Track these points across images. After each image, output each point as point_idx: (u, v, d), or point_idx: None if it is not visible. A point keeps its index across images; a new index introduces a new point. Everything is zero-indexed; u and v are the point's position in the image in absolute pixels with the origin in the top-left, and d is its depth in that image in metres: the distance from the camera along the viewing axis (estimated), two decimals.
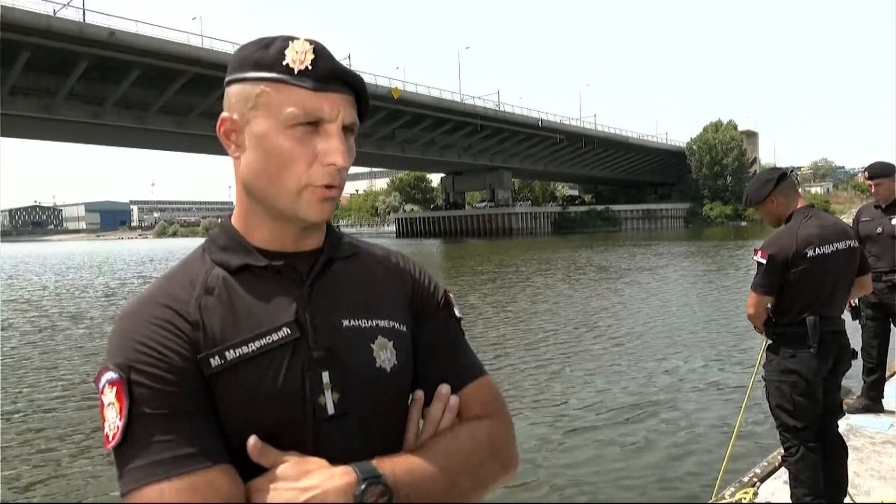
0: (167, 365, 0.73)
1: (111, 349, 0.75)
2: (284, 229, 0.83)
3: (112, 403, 0.71)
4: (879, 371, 4.51)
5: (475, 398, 0.87)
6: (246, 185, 0.82)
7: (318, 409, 0.77)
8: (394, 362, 0.83)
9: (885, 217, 4.37)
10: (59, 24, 32.26)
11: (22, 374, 8.63)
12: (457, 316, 0.95)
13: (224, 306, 0.78)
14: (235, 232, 0.84)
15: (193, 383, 0.73)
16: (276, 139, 0.78)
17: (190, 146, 52.98)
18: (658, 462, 4.86)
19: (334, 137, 0.79)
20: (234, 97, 0.81)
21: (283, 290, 0.81)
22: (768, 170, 3.04)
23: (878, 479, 3.45)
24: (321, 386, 0.77)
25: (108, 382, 0.72)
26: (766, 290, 2.81)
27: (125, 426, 0.70)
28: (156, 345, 0.73)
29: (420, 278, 0.93)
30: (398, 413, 0.85)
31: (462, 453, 0.81)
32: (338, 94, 0.80)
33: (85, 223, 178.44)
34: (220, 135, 0.82)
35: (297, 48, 0.78)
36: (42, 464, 5.27)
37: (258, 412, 0.74)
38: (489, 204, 71.16)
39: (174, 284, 0.80)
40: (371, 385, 0.81)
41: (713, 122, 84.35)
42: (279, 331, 0.77)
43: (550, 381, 7.37)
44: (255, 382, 0.75)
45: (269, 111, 0.78)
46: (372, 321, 0.84)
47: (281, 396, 0.75)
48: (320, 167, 0.78)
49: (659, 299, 13.95)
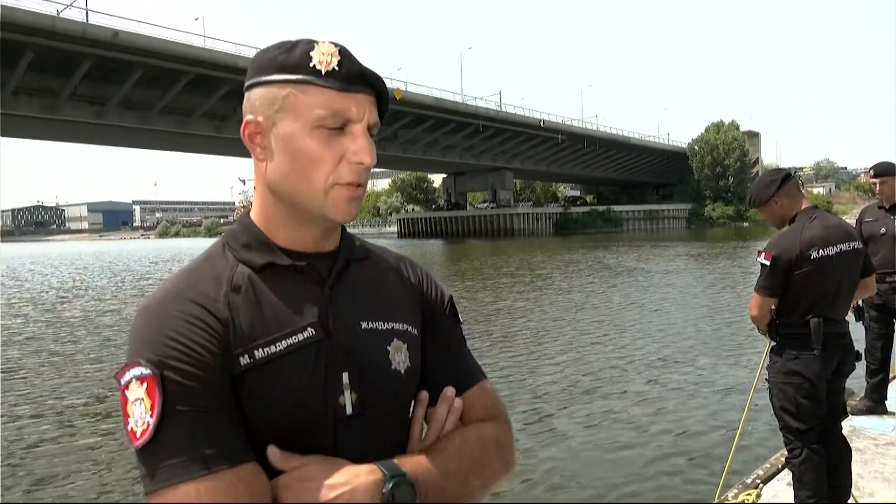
0: (199, 362, 0.72)
1: (138, 343, 0.74)
2: (307, 231, 0.83)
3: (140, 399, 0.70)
4: (883, 373, 4.50)
5: (478, 401, 0.90)
6: (272, 186, 0.82)
7: (338, 410, 0.78)
8: (407, 364, 0.85)
9: (888, 217, 4.36)
10: (63, 25, 32.26)
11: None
12: (459, 320, 0.97)
13: (251, 305, 0.78)
14: (258, 230, 0.84)
15: (223, 381, 0.73)
16: (304, 140, 0.79)
17: (192, 146, 52.99)
18: (661, 463, 4.86)
19: (361, 137, 0.80)
20: (258, 100, 0.81)
21: (305, 290, 0.82)
22: (772, 171, 3.03)
23: (881, 480, 3.44)
24: (341, 386, 0.78)
25: (137, 378, 0.71)
26: (769, 291, 2.81)
27: (157, 423, 0.69)
28: (188, 341, 0.73)
29: (428, 284, 0.95)
30: (408, 414, 0.87)
31: (473, 454, 0.84)
32: (363, 95, 0.81)
33: (87, 223, 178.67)
34: (244, 138, 0.82)
35: (322, 50, 0.79)
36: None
37: (282, 411, 0.75)
38: (491, 204, 71.09)
39: (199, 280, 0.79)
40: (387, 386, 0.83)
41: (715, 123, 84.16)
42: (305, 331, 0.78)
43: (551, 381, 7.37)
44: (281, 382, 0.76)
45: (297, 113, 0.79)
46: (388, 323, 0.85)
47: (305, 396, 0.76)
48: (347, 166, 0.79)
49: (662, 299, 13.94)
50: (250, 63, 0.84)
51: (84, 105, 37.30)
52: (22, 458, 5.42)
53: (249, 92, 0.82)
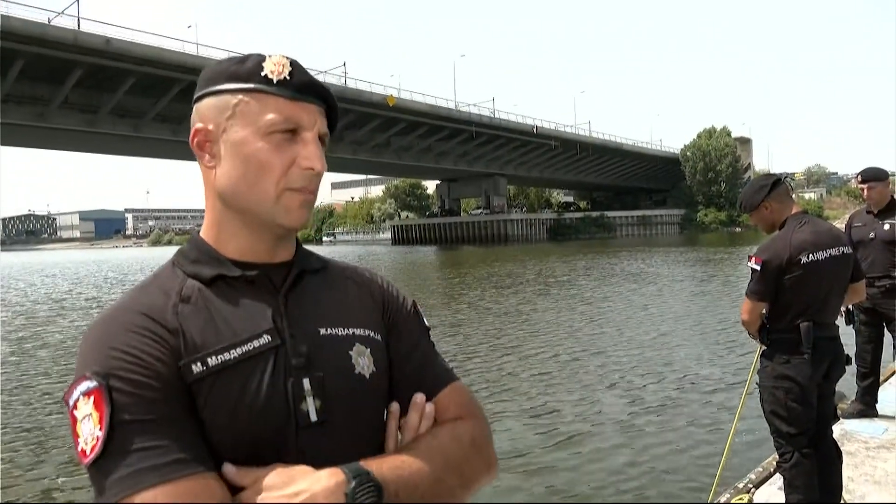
0: (149, 371, 0.70)
1: (84, 359, 0.72)
2: (259, 240, 0.83)
3: (89, 415, 0.68)
4: (873, 376, 4.52)
5: (451, 401, 0.89)
6: (222, 193, 0.82)
7: (301, 417, 0.76)
8: (372, 369, 0.84)
9: (877, 222, 4.39)
10: (54, 33, 32.22)
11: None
12: (426, 324, 0.96)
13: (201, 315, 0.77)
14: (206, 245, 0.84)
15: (176, 390, 0.71)
16: (255, 145, 0.79)
17: (185, 154, 52.68)
18: (653, 468, 4.86)
19: (311, 143, 0.81)
20: (208, 109, 0.82)
21: (258, 299, 0.81)
22: (762, 176, 3.05)
23: (872, 483, 3.45)
24: (303, 393, 0.77)
25: (84, 393, 0.69)
26: (760, 296, 2.82)
27: (106, 436, 0.66)
28: (136, 351, 0.71)
29: (389, 290, 0.95)
30: (378, 420, 0.86)
31: (445, 450, 0.82)
32: (313, 105, 0.83)
33: (79, 232, 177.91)
34: (193, 146, 0.83)
35: (274, 61, 0.81)
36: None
37: (241, 420, 0.73)
38: (485, 211, 71.23)
39: (147, 294, 0.79)
40: (351, 391, 0.81)
41: (707, 129, 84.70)
42: (260, 338, 0.77)
43: (544, 386, 7.36)
44: (237, 390, 0.74)
45: (248, 119, 0.80)
46: (348, 329, 0.85)
47: (264, 404, 0.74)
48: (298, 171, 0.80)
49: (653, 304, 13.96)
50: (200, 77, 0.85)
51: (76, 113, 37.24)
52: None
53: (199, 103, 0.83)
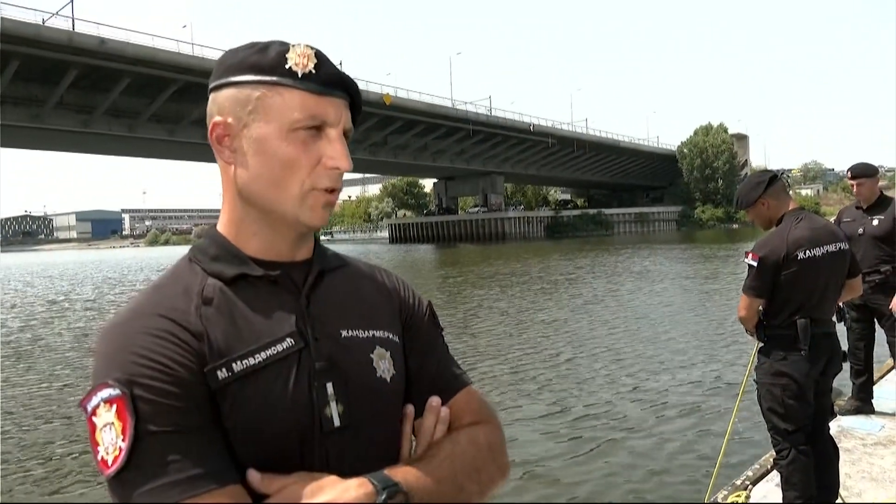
0: (173, 378, 0.67)
1: (104, 365, 0.69)
2: (280, 238, 0.80)
3: (111, 424, 0.65)
4: (867, 373, 4.51)
5: (466, 406, 0.87)
6: (243, 191, 0.79)
7: (325, 422, 0.74)
8: (392, 371, 0.83)
9: (866, 217, 4.38)
10: (49, 34, 32.13)
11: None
12: (440, 326, 0.95)
13: (224, 317, 0.74)
14: (226, 241, 0.81)
15: (201, 398, 0.69)
16: (279, 143, 0.76)
17: (181, 154, 52.80)
18: (650, 466, 4.86)
19: (337, 141, 0.78)
20: (228, 101, 0.78)
21: (280, 300, 0.78)
22: (759, 172, 3.05)
23: (869, 480, 3.45)
24: (326, 397, 0.75)
25: (105, 401, 0.66)
26: (757, 292, 2.81)
27: (130, 447, 0.64)
28: (159, 357, 0.68)
29: (405, 292, 0.93)
30: (397, 423, 0.84)
31: (465, 458, 0.80)
32: (339, 99, 0.79)
33: (76, 232, 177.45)
34: (211, 140, 0.80)
35: (298, 52, 0.77)
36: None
37: (265, 426, 0.71)
38: (482, 209, 71.26)
39: (165, 295, 0.75)
40: (373, 395, 0.80)
41: (703, 126, 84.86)
42: (283, 341, 0.75)
43: (542, 387, 7.36)
44: (263, 395, 0.72)
45: (271, 115, 0.76)
46: (368, 331, 0.83)
47: (289, 409, 0.72)
48: (324, 171, 0.77)
49: (649, 301, 13.97)
50: (217, 63, 0.81)
51: (71, 114, 37.15)
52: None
53: (217, 93, 0.79)
